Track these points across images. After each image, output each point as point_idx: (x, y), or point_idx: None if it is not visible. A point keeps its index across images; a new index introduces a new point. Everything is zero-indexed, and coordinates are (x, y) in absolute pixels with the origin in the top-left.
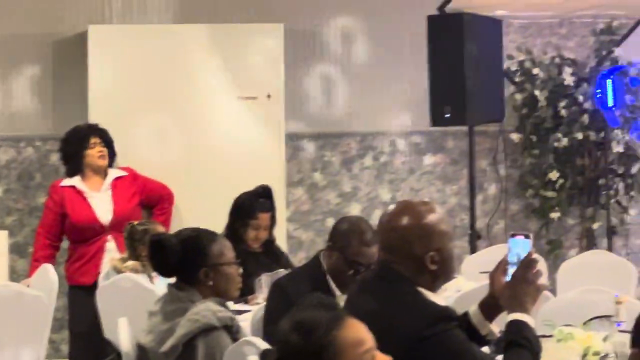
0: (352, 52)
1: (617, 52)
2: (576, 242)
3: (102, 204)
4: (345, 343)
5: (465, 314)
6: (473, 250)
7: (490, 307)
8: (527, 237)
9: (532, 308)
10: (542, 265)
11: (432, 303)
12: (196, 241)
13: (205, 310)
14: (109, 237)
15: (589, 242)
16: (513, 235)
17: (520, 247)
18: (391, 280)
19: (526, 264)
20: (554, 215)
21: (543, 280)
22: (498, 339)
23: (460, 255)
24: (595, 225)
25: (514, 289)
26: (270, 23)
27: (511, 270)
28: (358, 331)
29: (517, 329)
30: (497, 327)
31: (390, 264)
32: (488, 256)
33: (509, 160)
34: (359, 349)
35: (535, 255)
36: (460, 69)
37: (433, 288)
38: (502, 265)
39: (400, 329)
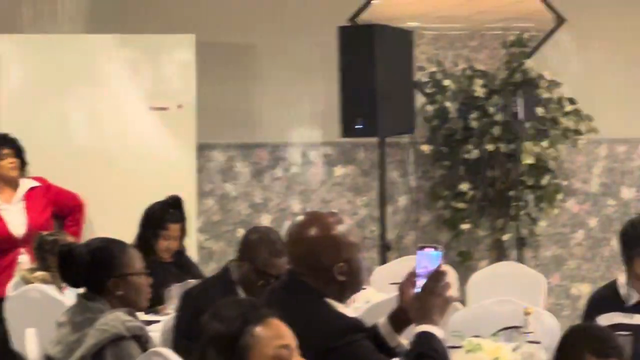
0: (264, 63)
1: (528, 64)
2: (486, 253)
3: (15, 217)
4: (262, 334)
5: (375, 326)
6: (383, 261)
7: (400, 319)
8: (436, 249)
9: (440, 320)
10: (452, 276)
11: (340, 314)
12: (105, 251)
13: (114, 320)
14: (22, 250)
15: (499, 253)
16: (421, 248)
17: (428, 259)
18: (299, 292)
19: (435, 277)
20: (465, 226)
21: (452, 292)
22: (406, 350)
23: (370, 267)
24: (505, 237)
25: (422, 300)
26: (182, 34)
27: (420, 282)
28: (278, 326)
29: (425, 340)
30: (406, 339)
31: (299, 275)
32: (398, 267)
33: (419, 171)
34: (275, 342)
35: (445, 267)
36: (371, 80)
37: (341, 299)
38: (411, 278)
39: (309, 341)
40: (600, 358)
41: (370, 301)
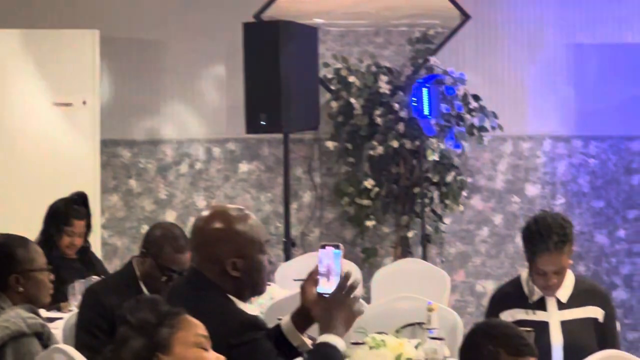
0: (168, 59)
1: (433, 60)
2: (391, 250)
3: None
4: (180, 332)
5: (277, 326)
6: (288, 258)
7: (302, 318)
8: (337, 248)
9: (344, 331)
10: (357, 276)
11: (240, 311)
12: (6, 247)
13: (15, 316)
14: None
15: (403, 250)
16: (323, 247)
17: (330, 258)
18: (200, 287)
19: (345, 288)
20: (369, 223)
21: (359, 306)
22: (306, 351)
23: (275, 263)
24: (410, 234)
25: (330, 309)
26: (86, 29)
27: (322, 280)
28: (191, 320)
29: (324, 353)
30: (308, 338)
31: (199, 268)
32: (302, 264)
33: (324, 168)
34: (195, 331)
35: (351, 272)
36: (276, 76)
37: (242, 297)
38: (313, 276)
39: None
40: (516, 356)
41: (274, 297)
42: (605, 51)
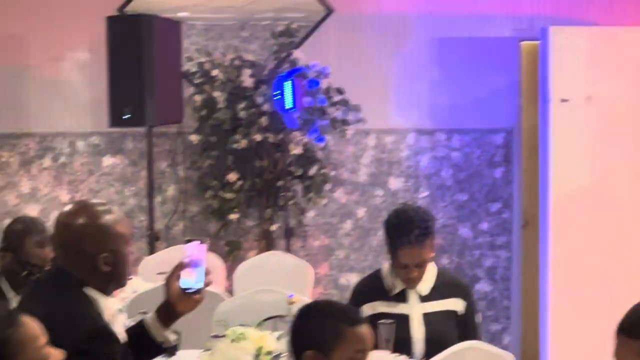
0: (32, 52)
1: (296, 54)
2: (255, 243)
3: None
4: (22, 339)
5: (141, 322)
6: (151, 251)
7: (167, 312)
8: (202, 242)
9: None
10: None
11: (93, 317)
12: None
13: None
14: None
15: (267, 243)
16: (188, 241)
17: (194, 252)
18: (61, 284)
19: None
20: (233, 216)
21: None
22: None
23: (139, 257)
24: (273, 227)
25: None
26: None
27: (186, 275)
28: (33, 327)
29: None
30: (172, 333)
31: (64, 264)
32: (166, 257)
33: (188, 161)
34: (36, 344)
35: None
36: (139, 70)
37: (105, 290)
38: (177, 271)
39: (61, 339)
40: (354, 326)
41: (137, 291)
42: (468, 45)
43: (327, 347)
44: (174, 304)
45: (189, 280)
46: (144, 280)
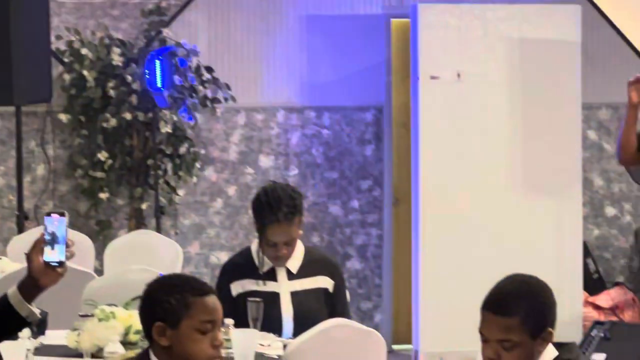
0: None
1: (166, 33)
2: (125, 222)
3: None
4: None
5: (5, 296)
6: (20, 231)
7: (30, 287)
8: (62, 215)
9: None
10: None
11: None
12: None
13: None
14: None
15: (137, 222)
16: (48, 214)
17: (55, 225)
18: None
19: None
20: (103, 195)
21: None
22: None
23: (8, 237)
24: (144, 206)
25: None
26: None
27: (47, 249)
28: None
29: None
30: (37, 308)
31: None
32: (34, 237)
33: (57, 141)
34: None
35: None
36: (6, 48)
37: None
38: (38, 244)
39: None
40: (202, 296)
41: (5, 271)
42: (337, 22)
43: (175, 318)
44: (37, 278)
45: (51, 253)
46: (12, 261)
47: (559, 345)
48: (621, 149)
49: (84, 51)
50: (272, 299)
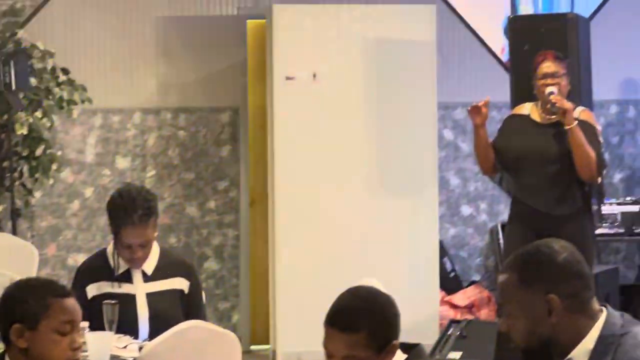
0: None
1: (21, 34)
2: None
3: None
4: None
5: None
6: None
7: None
8: None
9: None
10: None
11: None
12: None
13: None
14: None
15: None
16: None
17: None
18: None
19: None
20: None
21: None
22: None
23: None
24: None
25: None
26: None
27: None
28: None
29: None
30: None
31: None
32: None
33: None
34: None
35: None
36: None
37: None
38: None
39: None
40: (63, 297)
41: None
42: (193, 24)
43: (34, 319)
44: None
45: None
46: None
47: (406, 347)
48: (482, 164)
49: None
50: (128, 301)
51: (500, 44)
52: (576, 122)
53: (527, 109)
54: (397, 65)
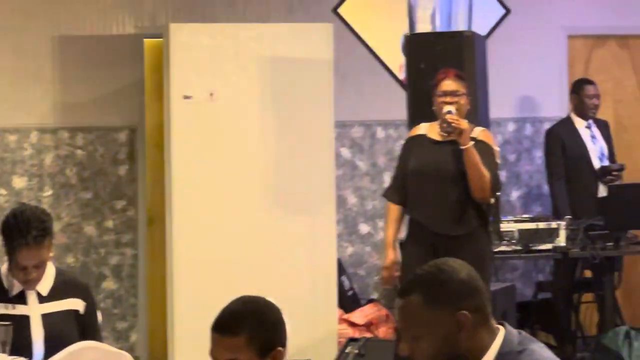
0: None
1: None
2: None
3: None
4: None
5: None
6: None
7: None
8: None
9: None
10: None
11: None
12: None
13: None
14: None
15: None
16: None
17: None
18: None
19: None
20: None
21: None
22: None
23: None
24: None
25: None
26: None
27: None
28: None
29: None
30: None
31: None
32: None
33: None
34: None
35: None
36: None
37: None
38: None
39: None
40: None
41: None
42: (90, 43)
43: None
44: None
45: None
46: None
47: None
48: None
49: None
50: (22, 323)
51: (398, 62)
52: (472, 142)
53: (423, 129)
54: (295, 83)
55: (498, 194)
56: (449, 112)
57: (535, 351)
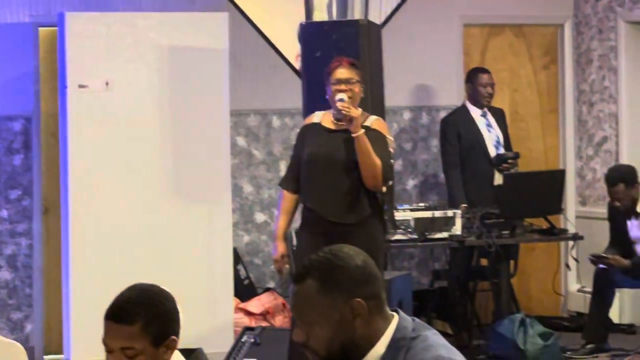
0: None
1: None
2: None
3: None
4: None
5: None
6: None
7: None
8: None
9: None
10: None
11: None
12: None
13: None
14: None
15: None
16: None
17: None
18: None
19: None
20: None
21: None
22: None
23: None
24: None
25: None
26: None
27: None
28: None
29: None
30: None
31: None
32: None
33: None
34: None
35: None
36: None
37: None
38: None
39: None
40: None
41: None
42: None
43: None
44: None
45: None
46: None
47: (186, 353)
48: None
49: None
50: None
51: (295, 51)
52: (363, 130)
53: (317, 117)
54: (190, 72)
55: (390, 182)
56: (341, 100)
57: (429, 337)
